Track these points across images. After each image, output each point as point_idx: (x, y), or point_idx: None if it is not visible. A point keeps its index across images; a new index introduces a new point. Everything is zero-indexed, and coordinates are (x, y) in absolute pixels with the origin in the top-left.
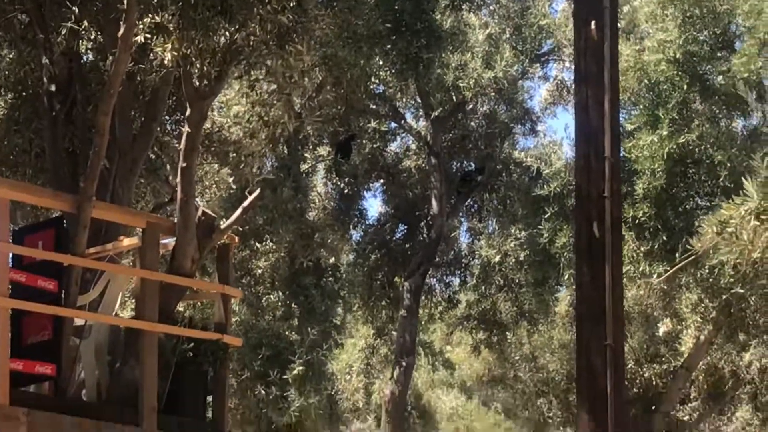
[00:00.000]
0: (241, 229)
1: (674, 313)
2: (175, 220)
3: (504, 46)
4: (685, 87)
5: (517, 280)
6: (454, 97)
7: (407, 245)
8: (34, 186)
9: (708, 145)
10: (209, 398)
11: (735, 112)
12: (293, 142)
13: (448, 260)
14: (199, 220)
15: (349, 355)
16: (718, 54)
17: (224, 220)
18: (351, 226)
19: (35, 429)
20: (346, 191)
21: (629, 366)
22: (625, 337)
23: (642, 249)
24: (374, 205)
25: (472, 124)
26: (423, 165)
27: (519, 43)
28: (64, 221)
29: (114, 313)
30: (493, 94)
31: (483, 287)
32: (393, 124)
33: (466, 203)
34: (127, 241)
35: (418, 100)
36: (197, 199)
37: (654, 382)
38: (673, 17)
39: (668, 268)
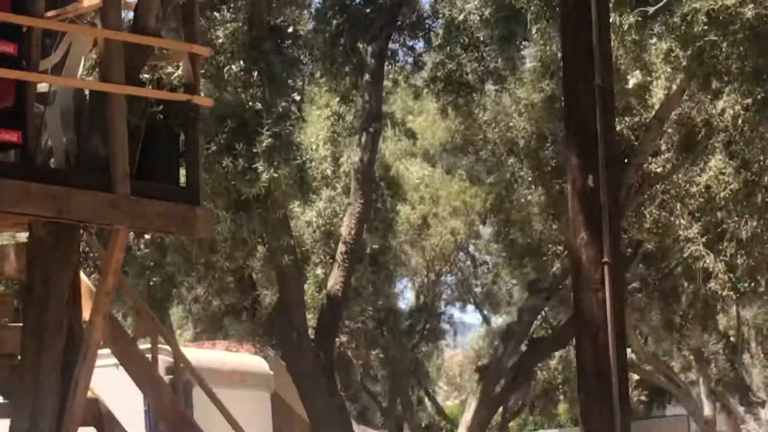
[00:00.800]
0: None
1: (644, 65)
2: None
3: None
4: None
5: (482, 38)
6: None
7: (368, 9)
8: None
9: None
10: (182, 164)
11: None
12: None
13: (411, 23)
14: None
15: (314, 126)
16: None
17: None
18: None
19: (2, 199)
20: None
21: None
22: None
23: None
24: None
25: None
26: None
27: None
28: None
29: (78, 77)
30: None
31: (448, 48)
32: None
33: None
34: (87, 2)
35: None
36: None
37: (626, 135)
38: None
39: (639, 19)
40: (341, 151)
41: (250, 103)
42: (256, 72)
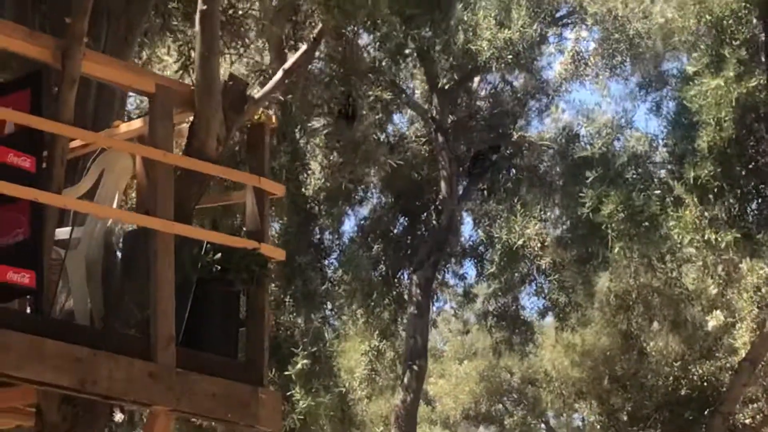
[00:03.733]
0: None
1: (726, 304)
2: (194, 85)
3: (518, 5)
4: (754, 21)
5: (543, 266)
6: (465, 63)
7: (412, 235)
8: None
9: None
10: (241, 330)
11: None
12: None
13: (463, 248)
14: (226, 85)
15: (349, 360)
16: None
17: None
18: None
19: (5, 358)
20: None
21: (678, 363)
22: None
23: (706, 215)
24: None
25: (482, 94)
26: (427, 144)
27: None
28: (42, 77)
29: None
30: (510, 57)
31: (504, 277)
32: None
33: (479, 186)
34: (124, 127)
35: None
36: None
37: (708, 381)
38: None
39: (738, 236)
40: (380, 391)
41: (283, 321)
42: (291, 288)
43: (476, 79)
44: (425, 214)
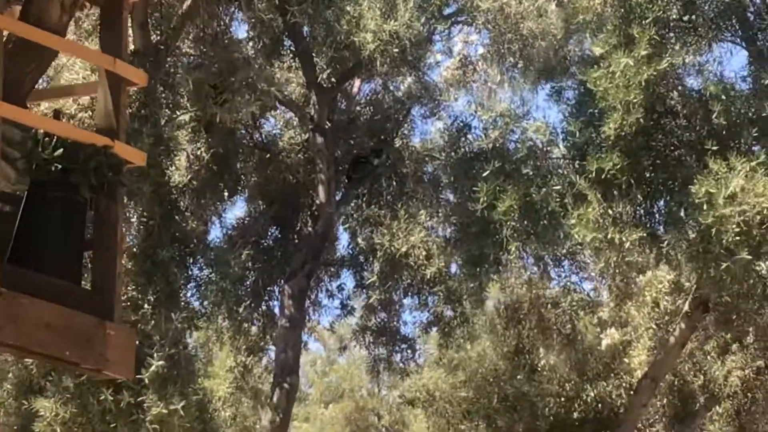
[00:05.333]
0: None
1: (623, 321)
2: None
3: None
4: None
5: (429, 275)
6: (346, 57)
7: (284, 242)
8: None
9: (695, 75)
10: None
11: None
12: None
13: (341, 257)
14: None
15: (212, 381)
16: None
17: None
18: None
19: None
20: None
21: (571, 382)
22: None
23: (610, 212)
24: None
25: (363, 98)
26: (303, 147)
27: None
28: None
29: None
30: (396, 52)
31: (385, 287)
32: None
33: (360, 191)
34: None
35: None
36: None
37: (604, 401)
38: None
39: (643, 235)
40: (245, 411)
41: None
42: (150, 288)
43: (357, 82)
44: (300, 220)
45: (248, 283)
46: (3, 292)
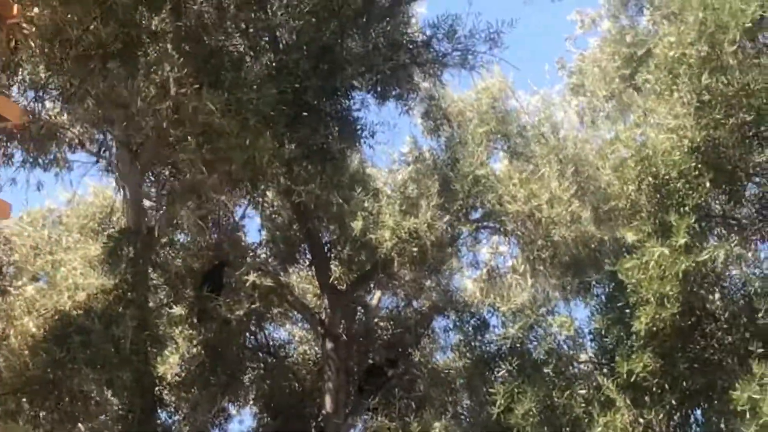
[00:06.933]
0: None
1: None
2: None
3: (427, 196)
4: (707, 185)
5: None
6: (363, 256)
7: None
8: None
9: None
10: None
11: None
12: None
13: None
14: None
15: None
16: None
17: None
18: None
19: None
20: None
21: None
22: None
23: (641, 420)
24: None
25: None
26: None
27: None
28: None
29: None
30: (415, 251)
31: None
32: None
33: (371, 400)
34: None
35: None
36: None
37: None
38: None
39: None
40: None
41: None
42: None
43: (377, 293)
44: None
45: None
46: None
